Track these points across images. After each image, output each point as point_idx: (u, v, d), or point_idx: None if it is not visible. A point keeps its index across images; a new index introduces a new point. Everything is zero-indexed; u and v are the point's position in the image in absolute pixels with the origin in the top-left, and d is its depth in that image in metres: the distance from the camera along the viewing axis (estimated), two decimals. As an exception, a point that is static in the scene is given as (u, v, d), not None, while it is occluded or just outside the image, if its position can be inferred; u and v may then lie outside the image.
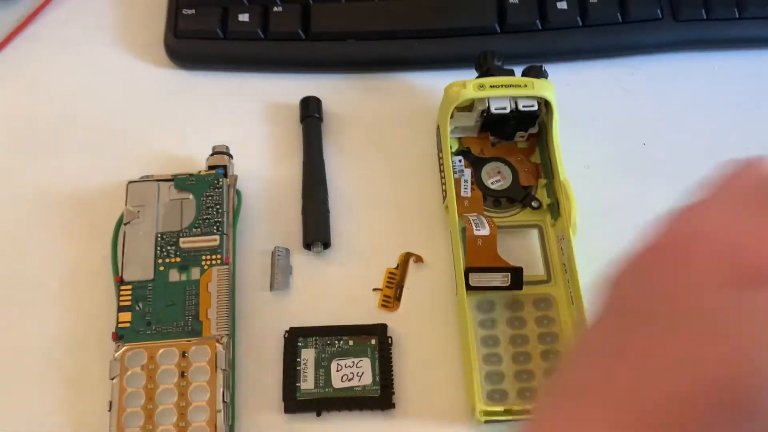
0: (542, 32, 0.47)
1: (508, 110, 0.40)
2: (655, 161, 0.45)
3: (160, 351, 0.36)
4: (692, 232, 0.19)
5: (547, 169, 0.42)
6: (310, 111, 0.45)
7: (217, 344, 0.36)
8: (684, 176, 0.44)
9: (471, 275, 0.38)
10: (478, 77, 0.42)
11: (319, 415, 0.37)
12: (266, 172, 0.44)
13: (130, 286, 0.38)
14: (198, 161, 0.44)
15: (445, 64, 0.47)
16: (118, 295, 0.38)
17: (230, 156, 0.43)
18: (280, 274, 0.40)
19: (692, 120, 0.46)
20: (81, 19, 0.49)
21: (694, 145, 0.45)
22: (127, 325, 0.37)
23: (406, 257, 0.42)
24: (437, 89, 0.46)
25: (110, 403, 0.35)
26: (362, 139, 0.46)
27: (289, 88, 0.47)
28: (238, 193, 0.42)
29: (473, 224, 0.39)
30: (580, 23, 0.47)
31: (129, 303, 0.37)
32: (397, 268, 0.41)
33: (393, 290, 0.41)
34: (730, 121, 0.46)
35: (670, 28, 0.47)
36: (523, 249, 0.41)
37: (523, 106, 0.40)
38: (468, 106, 0.42)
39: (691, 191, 0.26)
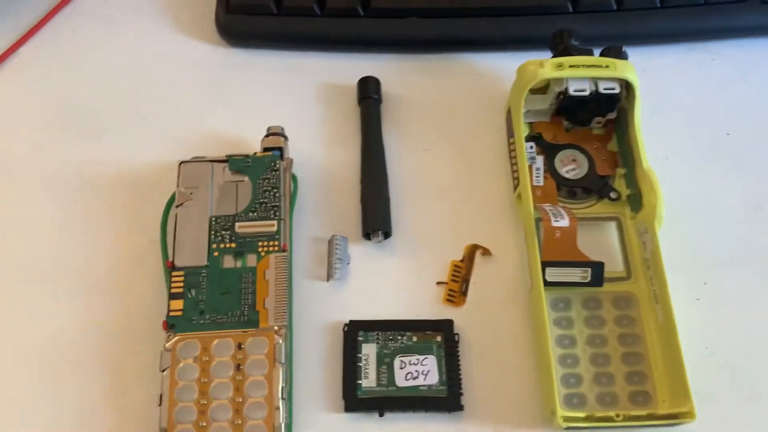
0: (617, 13, 0.44)
1: (587, 92, 0.37)
2: (739, 152, 0.42)
3: (215, 342, 0.34)
4: None
5: (626, 157, 0.39)
6: (369, 92, 0.43)
7: (275, 335, 0.34)
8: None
9: (548, 270, 0.35)
10: (553, 57, 0.39)
11: (381, 415, 0.34)
12: (322, 156, 0.42)
13: (182, 272, 0.35)
14: (251, 143, 0.41)
15: (513, 46, 0.44)
16: (169, 282, 0.35)
17: (285, 138, 0.40)
18: (338, 263, 0.38)
19: (780, 109, 0.43)
20: (128, -7, 0.47)
21: (782, 136, 0.42)
22: (179, 313, 0.35)
23: (473, 250, 0.39)
24: (504, 71, 0.43)
25: (161, 396, 0.33)
26: (424, 123, 0.43)
27: (346, 68, 0.44)
28: (294, 177, 0.39)
29: (551, 215, 0.36)
30: (659, 4, 0.44)
31: (181, 290, 0.35)
32: (462, 261, 0.39)
33: (458, 284, 0.38)
34: (822, 111, 0.43)
35: (755, 10, 0.44)
36: (600, 243, 0.38)
37: (604, 89, 0.38)
38: (542, 88, 0.39)
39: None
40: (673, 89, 0.44)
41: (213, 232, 0.36)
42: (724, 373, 0.35)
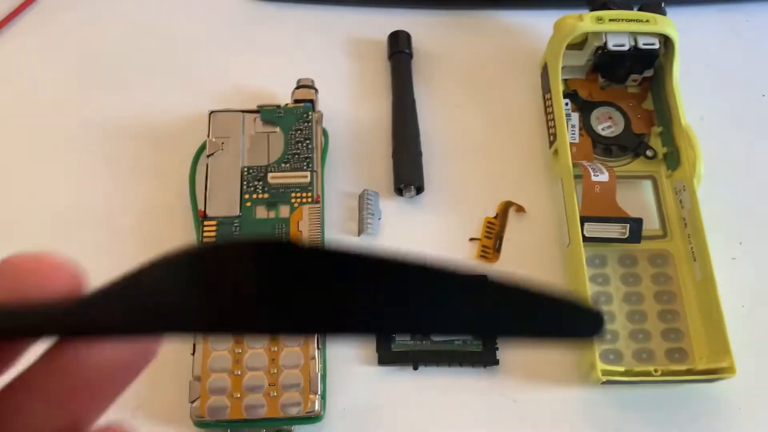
0: (653, -29, 0.43)
1: (626, 47, 0.37)
2: (775, 114, 0.41)
3: (249, 292, 0.33)
4: None
5: (663, 115, 0.39)
6: (400, 46, 0.42)
7: (311, 287, 0.33)
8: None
9: (586, 225, 0.35)
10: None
11: (416, 368, 0.34)
12: (352, 111, 0.41)
13: (214, 222, 0.35)
14: (280, 96, 0.40)
15: (546, 3, 0.43)
16: (200, 232, 0.35)
17: (316, 90, 0.39)
18: (369, 218, 0.37)
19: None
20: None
21: (818, 98, 0.41)
22: (211, 263, 0.34)
23: (506, 206, 0.38)
24: (538, 29, 0.42)
25: (194, 345, 0.32)
26: (456, 79, 0.42)
27: (376, 23, 0.43)
28: (324, 131, 0.39)
29: (590, 170, 0.35)
30: (694, -37, 0.43)
31: (214, 240, 0.34)
32: (496, 217, 0.38)
33: (492, 241, 0.37)
34: None
35: (792, -29, 0.43)
36: (636, 201, 0.38)
37: (644, 44, 0.37)
38: (579, 44, 0.39)
39: None
40: (707, 50, 0.43)
41: (245, 183, 0.36)
42: (761, 331, 0.35)
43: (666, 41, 0.38)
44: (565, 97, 0.39)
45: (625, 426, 0.33)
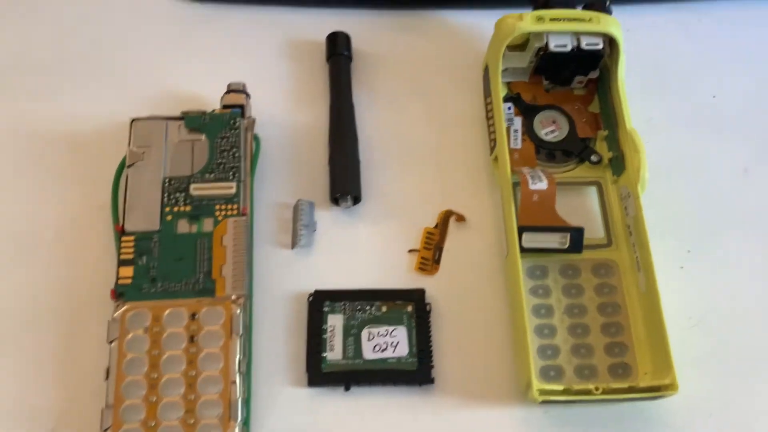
0: (601, -32, 0.41)
1: (569, 48, 0.35)
2: (726, 115, 0.40)
3: (167, 311, 0.31)
4: None
5: (609, 118, 0.37)
6: (339, 48, 0.40)
7: (232, 305, 0.31)
8: (758, 132, 0.40)
9: (525, 235, 0.33)
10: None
11: (347, 389, 0.32)
12: (288, 116, 0.39)
13: (132, 237, 0.33)
14: (211, 101, 0.38)
15: (490, 3, 0.42)
16: (119, 248, 0.33)
17: (248, 95, 0.37)
18: (303, 230, 0.35)
19: (767, 71, 0.41)
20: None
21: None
22: (129, 281, 0.32)
23: (447, 216, 0.37)
24: (482, 29, 0.41)
25: (107, 370, 0.30)
26: (396, 82, 0.40)
27: (314, 23, 0.41)
28: (256, 137, 0.37)
29: (529, 177, 0.34)
30: (644, -41, 0.42)
31: (131, 256, 0.32)
32: (435, 227, 0.36)
33: (431, 252, 0.36)
34: (811, 73, 0.41)
35: (744, -32, 0.42)
36: (580, 209, 0.36)
37: (587, 44, 0.35)
38: (521, 45, 0.37)
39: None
40: (658, 50, 0.42)
41: (166, 195, 0.34)
42: (707, 345, 0.34)
43: (611, 41, 0.36)
44: (508, 100, 0.38)
45: (565, 446, 0.32)
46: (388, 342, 0.33)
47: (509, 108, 0.38)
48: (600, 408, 0.32)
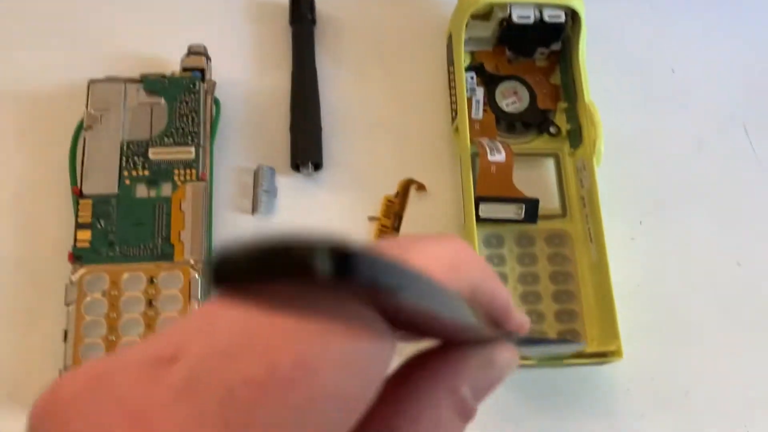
0: (568, -62, 0.41)
1: (531, 20, 0.35)
2: (684, 89, 0.41)
3: (125, 275, 0.31)
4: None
5: (569, 90, 0.38)
6: (302, 12, 0.39)
7: (191, 270, 0.32)
8: (716, 107, 0.41)
9: (481, 205, 0.34)
10: (498, -19, 0.36)
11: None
12: (249, 81, 0.39)
13: (90, 201, 0.33)
14: (170, 63, 0.38)
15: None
16: (77, 211, 0.33)
17: (208, 58, 0.37)
18: (263, 195, 0.36)
19: (727, 46, 0.42)
20: None
21: (728, 73, 0.41)
22: (87, 245, 0.32)
23: (407, 184, 0.37)
24: (448, -4, 0.41)
25: (65, 332, 0.31)
26: (360, 48, 0.40)
27: (278, -14, 0.41)
28: (216, 101, 0.37)
29: (487, 149, 0.34)
30: (611, -70, 0.42)
31: (89, 220, 0.32)
32: (396, 196, 0.37)
33: (391, 220, 0.36)
34: (768, 50, 0.42)
35: (709, -59, 0.42)
36: (537, 180, 0.37)
37: (549, 17, 0.35)
38: (485, 15, 0.37)
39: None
40: (617, 22, 0.42)
41: (125, 159, 0.33)
42: (652, 313, 0.35)
43: (573, 14, 0.36)
44: (471, 69, 0.38)
45: (513, 408, 0.33)
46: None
47: (472, 77, 0.38)
48: (548, 371, 0.34)
